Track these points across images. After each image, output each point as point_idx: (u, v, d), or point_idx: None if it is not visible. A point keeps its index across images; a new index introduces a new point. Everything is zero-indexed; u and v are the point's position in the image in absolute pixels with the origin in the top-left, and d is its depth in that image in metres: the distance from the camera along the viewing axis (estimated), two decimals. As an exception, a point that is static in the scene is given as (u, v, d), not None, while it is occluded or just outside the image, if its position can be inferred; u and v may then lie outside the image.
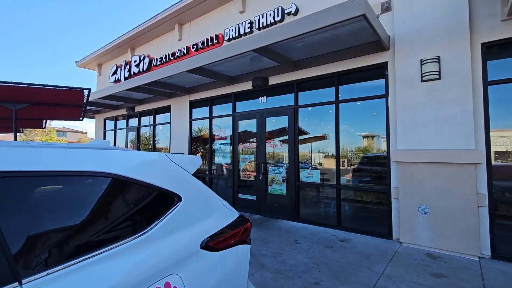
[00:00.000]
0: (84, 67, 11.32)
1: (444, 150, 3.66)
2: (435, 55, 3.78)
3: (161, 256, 1.09)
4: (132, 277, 0.96)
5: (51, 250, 0.90)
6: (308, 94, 5.34)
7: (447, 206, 3.61)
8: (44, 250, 0.90)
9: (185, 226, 1.25)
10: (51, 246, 0.91)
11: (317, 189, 5.21)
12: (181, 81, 6.57)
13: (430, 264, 3.27)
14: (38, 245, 0.90)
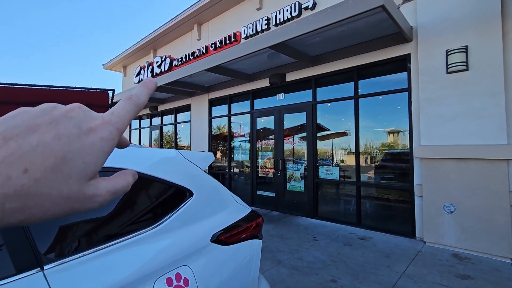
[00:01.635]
0: (110, 69, 11.87)
1: (472, 145, 3.45)
2: (462, 45, 3.56)
3: (173, 248, 1.14)
4: (146, 268, 1.02)
5: (73, 239, 0.98)
6: (327, 90, 5.24)
7: (475, 205, 3.41)
8: (67, 239, 0.98)
9: (196, 220, 1.30)
10: (74, 236, 0.99)
11: (336, 186, 5.13)
12: (200, 80, 6.70)
13: (456, 265, 3.12)
14: (62, 234, 0.98)
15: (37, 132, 0.23)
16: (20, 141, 0.22)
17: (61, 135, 0.23)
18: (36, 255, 0.86)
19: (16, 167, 0.21)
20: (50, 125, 0.23)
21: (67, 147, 0.23)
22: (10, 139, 0.22)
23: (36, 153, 0.22)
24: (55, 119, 0.24)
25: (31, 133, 0.22)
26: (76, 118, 0.25)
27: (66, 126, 0.24)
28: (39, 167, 0.22)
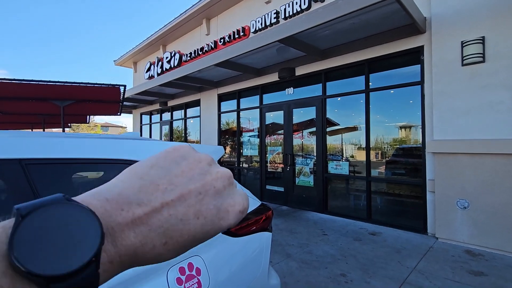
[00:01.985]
0: (121, 65, 12.03)
1: (487, 140, 3.36)
2: (478, 36, 3.44)
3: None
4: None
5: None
6: (337, 84, 5.17)
7: (490, 201, 3.33)
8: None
9: (207, 212, 1.32)
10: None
11: (346, 181, 5.09)
12: (209, 75, 6.72)
13: (469, 261, 3.06)
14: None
15: (185, 203, 0.24)
16: (171, 211, 0.24)
17: (201, 215, 0.24)
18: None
19: (160, 239, 0.23)
20: (198, 197, 0.25)
21: (200, 228, 0.24)
22: (165, 205, 0.23)
23: (177, 228, 0.23)
24: (204, 189, 0.25)
25: (181, 203, 0.24)
26: (222, 195, 0.26)
27: (208, 204, 0.25)
28: (174, 242, 0.24)
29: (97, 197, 0.23)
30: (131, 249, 0.22)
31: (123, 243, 0.22)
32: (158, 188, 0.24)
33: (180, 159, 0.26)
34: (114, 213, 0.22)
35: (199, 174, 0.26)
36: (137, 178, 0.25)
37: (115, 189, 0.24)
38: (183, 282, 1.02)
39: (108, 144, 1.24)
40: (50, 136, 1.16)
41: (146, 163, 0.26)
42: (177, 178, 0.25)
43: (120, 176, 0.26)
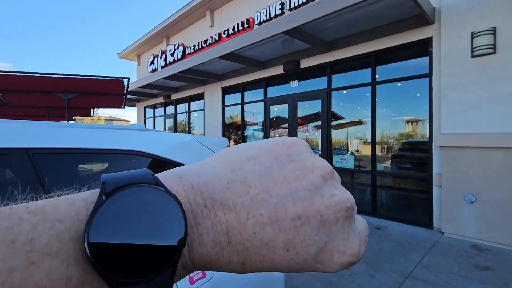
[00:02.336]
0: (125, 58, 12.01)
1: (497, 133, 3.29)
2: (489, 27, 3.34)
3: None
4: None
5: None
6: (342, 77, 5.09)
7: (498, 195, 3.27)
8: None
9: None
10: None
11: (351, 175, 5.05)
12: (213, 68, 6.67)
13: (475, 256, 3.03)
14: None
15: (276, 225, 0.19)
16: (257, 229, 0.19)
17: (293, 247, 0.19)
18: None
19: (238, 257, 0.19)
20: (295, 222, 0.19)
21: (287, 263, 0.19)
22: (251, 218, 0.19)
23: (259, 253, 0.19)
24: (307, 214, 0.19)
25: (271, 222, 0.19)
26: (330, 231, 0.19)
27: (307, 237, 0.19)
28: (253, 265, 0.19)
29: (183, 181, 0.19)
30: (206, 259, 0.19)
31: (199, 250, 0.19)
32: (248, 191, 0.19)
33: (287, 159, 0.20)
34: (196, 209, 0.19)
35: (305, 189, 0.19)
36: (228, 169, 0.20)
37: (203, 175, 0.20)
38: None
39: (115, 134, 1.23)
40: (56, 126, 1.15)
41: (244, 152, 0.21)
42: (275, 185, 0.19)
43: (212, 160, 0.21)
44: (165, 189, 0.18)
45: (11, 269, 0.13)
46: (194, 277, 1.04)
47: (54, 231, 0.15)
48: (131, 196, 0.17)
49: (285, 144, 0.21)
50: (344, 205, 0.20)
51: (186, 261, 0.18)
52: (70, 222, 0.16)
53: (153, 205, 0.18)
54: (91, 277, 0.15)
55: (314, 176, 0.20)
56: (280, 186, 0.19)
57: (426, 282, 2.52)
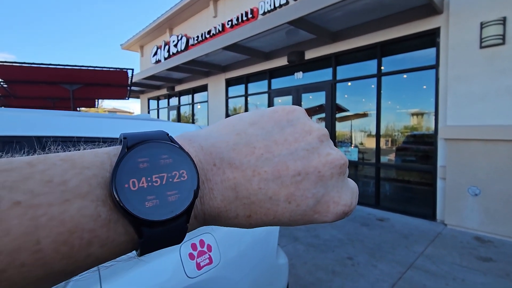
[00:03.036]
0: (128, 49, 11.97)
1: (503, 126, 3.25)
2: (499, 16, 3.26)
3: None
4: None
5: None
6: (347, 68, 5.04)
7: (502, 188, 3.26)
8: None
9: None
10: None
11: (355, 167, 5.05)
12: (217, 59, 6.63)
13: (478, 248, 3.05)
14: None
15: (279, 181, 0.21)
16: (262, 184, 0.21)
17: (294, 200, 0.21)
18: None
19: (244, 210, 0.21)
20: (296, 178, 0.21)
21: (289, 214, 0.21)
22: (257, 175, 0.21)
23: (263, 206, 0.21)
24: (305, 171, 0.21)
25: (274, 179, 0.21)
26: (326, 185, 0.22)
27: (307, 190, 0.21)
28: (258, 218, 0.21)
29: (193, 143, 0.22)
30: (215, 211, 0.21)
31: (210, 203, 0.21)
32: (253, 152, 0.21)
33: (286, 124, 0.23)
34: (206, 166, 0.21)
35: (304, 149, 0.22)
36: (233, 133, 0.22)
37: (210, 139, 0.22)
38: (195, 257, 1.04)
39: (121, 123, 1.24)
40: (64, 115, 1.17)
41: (245, 119, 0.23)
42: (276, 146, 0.21)
43: (215, 126, 0.24)
44: (179, 146, 0.21)
45: (49, 204, 0.16)
46: (201, 263, 1.07)
47: (83, 176, 0.17)
48: (150, 150, 0.20)
49: (284, 111, 0.23)
50: (338, 162, 0.22)
51: (198, 212, 0.21)
52: (96, 170, 0.18)
53: (169, 158, 0.20)
54: (116, 216, 0.18)
55: (312, 137, 0.22)
56: (281, 147, 0.21)
57: (428, 272, 2.55)
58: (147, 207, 0.18)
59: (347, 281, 2.41)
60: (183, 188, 0.19)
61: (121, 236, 0.18)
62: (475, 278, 2.44)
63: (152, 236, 0.18)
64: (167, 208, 0.19)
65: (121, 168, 0.18)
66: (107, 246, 0.17)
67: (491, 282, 2.38)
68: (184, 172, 0.20)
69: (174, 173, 0.19)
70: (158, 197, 0.19)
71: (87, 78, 4.80)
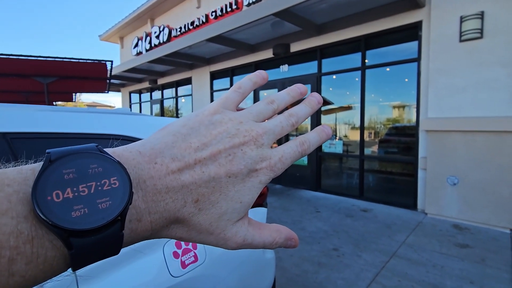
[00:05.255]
0: (107, 41, 11.49)
1: (481, 117, 3.38)
2: (478, 11, 3.35)
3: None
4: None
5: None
6: (333, 61, 5.06)
7: (479, 177, 3.41)
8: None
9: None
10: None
11: (339, 159, 5.12)
12: (201, 51, 6.48)
13: (456, 235, 3.18)
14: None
15: (217, 162, 0.24)
16: (204, 168, 0.23)
17: (232, 174, 0.24)
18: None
19: (192, 195, 0.23)
20: (228, 158, 0.24)
21: (232, 186, 0.24)
22: (198, 162, 0.24)
23: (209, 186, 0.23)
24: (233, 151, 0.25)
25: (213, 162, 0.24)
26: (249, 156, 0.25)
27: (239, 164, 0.24)
28: (206, 199, 0.23)
29: (130, 150, 0.23)
30: (161, 205, 0.22)
31: (154, 198, 0.22)
32: (190, 146, 0.24)
33: (209, 123, 0.26)
34: (147, 166, 0.22)
35: (227, 136, 0.25)
36: (170, 135, 0.25)
37: (148, 144, 0.24)
38: (180, 256, 1.00)
39: (100, 118, 1.17)
40: (37, 110, 1.08)
41: (177, 123, 0.26)
42: (206, 139, 0.25)
43: (153, 134, 0.26)
44: (109, 155, 0.21)
45: None
46: (186, 261, 1.03)
47: (3, 193, 0.17)
48: (77, 161, 0.20)
49: (204, 114, 0.26)
50: (254, 137, 0.26)
51: (142, 213, 0.21)
52: (18, 186, 0.18)
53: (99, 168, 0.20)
54: (41, 231, 0.17)
55: (230, 126, 0.26)
56: (210, 139, 0.25)
57: (409, 260, 2.63)
58: (74, 217, 0.18)
59: (332, 272, 2.44)
60: (115, 194, 0.19)
61: (49, 251, 0.17)
62: (453, 264, 2.55)
63: (83, 246, 0.18)
64: (97, 215, 0.18)
65: (43, 181, 0.18)
66: (33, 264, 0.17)
67: (468, 267, 2.49)
68: (115, 178, 0.20)
69: (104, 181, 0.19)
70: (86, 205, 0.18)
71: (62, 71, 4.54)
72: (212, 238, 0.24)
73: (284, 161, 0.27)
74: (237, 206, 0.24)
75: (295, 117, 0.29)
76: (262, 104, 0.28)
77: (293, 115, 0.29)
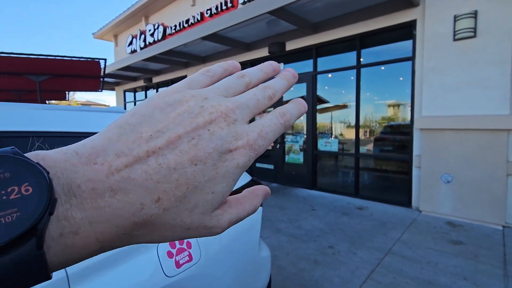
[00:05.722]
0: (101, 39, 11.36)
1: (474, 116, 3.41)
2: (471, 10, 3.38)
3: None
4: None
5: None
6: (328, 59, 5.07)
7: (472, 175, 3.45)
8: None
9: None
10: None
11: (335, 158, 5.14)
12: (196, 50, 6.44)
13: (450, 232, 3.22)
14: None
15: (177, 150, 0.20)
16: (160, 159, 0.20)
17: (199, 160, 0.20)
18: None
19: (150, 195, 0.19)
20: (191, 142, 0.20)
21: (201, 175, 0.20)
22: (152, 154, 0.20)
23: (171, 180, 0.20)
24: (197, 133, 0.21)
25: (172, 150, 0.20)
26: (219, 136, 0.21)
27: (206, 147, 0.21)
28: (170, 196, 0.20)
29: (65, 151, 0.19)
30: (107, 211, 0.18)
31: (94, 205, 0.18)
32: (141, 136, 0.20)
33: (165, 105, 0.22)
34: (83, 168, 0.18)
35: (188, 117, 0.21)
36: (115, 128, 0.21)
37: (90, 142, 0.20)
38: (174, 255, 0.99)
39: (93, 116, 1.15)
40: (27, 108, 1.06)
41: (127, 112, 0.22)
42: (162, 124, 0.21)
43: (101, 131, 0.22)
44: (24, 157, 0.18)
45: None
46: (180, 261, 1.02)
47: None
48: None
49: (160, 97, 0.22)
50: (222, 113, 0.22)
51: (79, 224, 0.18)
52: None
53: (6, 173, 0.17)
54: None
55: (195, 102, 0.22)
56: (167, 123, 0.21)
57: (404, 257, 2.65)
58: None
59: (328, 269, 2.45)
60: (26, 204, 0.16)
61: None
62: (447, 261, 2.57)
63: None
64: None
65: None
66: None
67: (461, 264, 2.52)
68: (27, 185, 0.16)
69: (11, 188, 0.16)
70: None
71: (55, 69, 4.48)
72: (191, 232, 0.21)
73: (265, 136, 0.23)
74: (209, 197, 0.21)
75: (271, 89, 0.25)
76: (231, 78, 0.25)
77: (269, 87, 0.25)
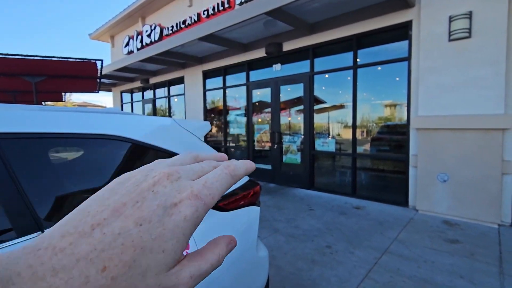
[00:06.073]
0: (97, 39, 11.31)
1: (470, 115, 3.44)
2: (466, 10, 3.41)
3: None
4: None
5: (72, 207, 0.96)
6: (325, 60, 5.09)
7: (468, 174, 3.48)
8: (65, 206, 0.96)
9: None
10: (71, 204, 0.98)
11: (332, 158, 5.16)
12: (193, 50, 6.43)
13: (446, 231, 3.24)
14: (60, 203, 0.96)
15: (122, 216, 0.20)
16: (105, 229, 0.19)
17: (144, 219, 0.20)
18: (36, 220, 0.87)
19: (95, 265, 0.18)
20: (136, 205, 0.21)
21: (147, 234, 0.20)
22: (97, 226, 0.20)
23: (116, 245, 0.19)
24: (142, 196, 0.21)
25: (116, 218, 0.20)
26: (163, 193, 0.22)
27: (150, 206, 0.21)
28: (117, 263, 0.19)
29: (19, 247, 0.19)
30: None
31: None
32: (88, 214, 0.20)
33: (116, 185, 0.23)
34: (26, 256, 0.18)
35: (133, 185, 0.22)
36: (70, 214, 0.21)
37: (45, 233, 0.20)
38: (171, 257, 1.00)
39: (90, 117, 1.15)
40: (23, 109, 1.06)
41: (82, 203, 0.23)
42: (108, 200, 0.21)
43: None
44: None
45: None
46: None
47: None
48: None
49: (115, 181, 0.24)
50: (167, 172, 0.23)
51: None
52: None
53: None
54: None
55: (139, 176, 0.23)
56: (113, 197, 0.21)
57: (401, 256, 2.67)
58: None
59: (326, 269, 2.46)
60: None
61: None
62: (444, 259, 2.59)
63: None
64: None
65: None
66: None
67: (458, 262, 2.54)
68: None
69: None
70: None
71: (51, 70, 4.46)
72: None
73: (211, 186, 0.23)
74: (160, 257, 0.20)
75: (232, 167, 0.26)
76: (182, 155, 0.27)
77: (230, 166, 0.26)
